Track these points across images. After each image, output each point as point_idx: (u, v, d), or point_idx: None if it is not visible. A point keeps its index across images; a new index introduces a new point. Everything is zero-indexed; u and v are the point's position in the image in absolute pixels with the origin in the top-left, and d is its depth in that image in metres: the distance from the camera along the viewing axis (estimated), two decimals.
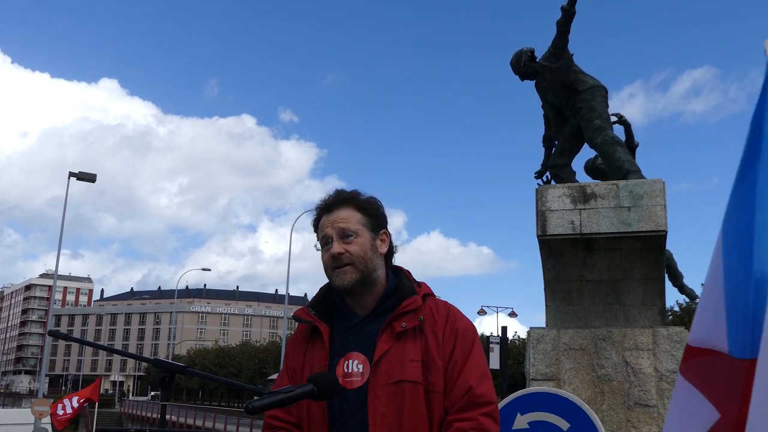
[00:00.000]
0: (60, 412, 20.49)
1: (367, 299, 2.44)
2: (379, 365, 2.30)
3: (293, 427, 2.40)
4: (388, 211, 2.56)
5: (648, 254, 7.16)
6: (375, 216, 2.49)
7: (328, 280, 2.48)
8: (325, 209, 2.48)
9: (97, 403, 22.62)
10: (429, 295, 2.49)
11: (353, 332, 2.42)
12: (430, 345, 2.33)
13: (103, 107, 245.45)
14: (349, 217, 2.43)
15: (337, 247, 2.39)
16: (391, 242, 2.54)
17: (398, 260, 2.58)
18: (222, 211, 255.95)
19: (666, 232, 6.91)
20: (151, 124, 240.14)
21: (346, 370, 2.35)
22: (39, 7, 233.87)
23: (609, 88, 8.27)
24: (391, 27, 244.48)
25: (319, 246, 2.49)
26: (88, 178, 30.08)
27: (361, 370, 2.33)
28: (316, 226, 2.51)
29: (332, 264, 2.41)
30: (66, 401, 20.70)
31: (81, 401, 20.67)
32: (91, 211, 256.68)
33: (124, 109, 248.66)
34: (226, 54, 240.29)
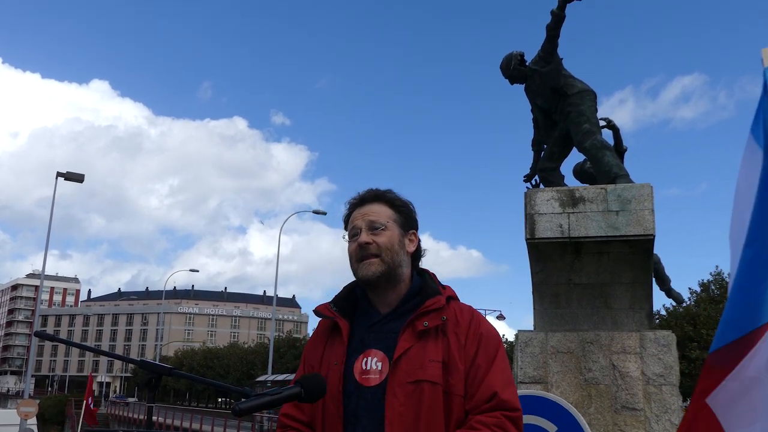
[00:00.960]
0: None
1: (390, 296, 2.43)
2: (399, 363, 2.28)
3: (305, 426, 2.38)
4: None
5: (636, 258, 7.19)
6: (406, 215, 2.52)
7: (350, 273, 2.48)
8: (357, 203, 2.50)
9: (84, 404, 22.66)
10: (453, 298, 2.48)
11: (374, 329, 2.40)
12: (452, 347, 2.31)
13: (94, 108, 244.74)
14: (380, 211, 2.45)
15: (365, 237, 2.40)
16: (419, 244, 2.55)
17: None
18: (212, 213, 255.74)
19: (654, 237, 6.93)
20: (143, 126, 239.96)
21: (363, 367, 2.33)
22: (29, 7, 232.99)
23: (600, 93, 8.29)
24: (384, 32, 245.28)
25: (347, 237, 2.49)
26: (76, 178, 29.94)
27: (379, 368, 2.31)
28: (347, 221, 2.51)
29: (358, 254, 2.40)
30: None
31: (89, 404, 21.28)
32: (80, 212, 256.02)
33: (115, 110, 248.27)
34: (220, 57, 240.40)
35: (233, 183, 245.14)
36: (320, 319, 2.55)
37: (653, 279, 8.01)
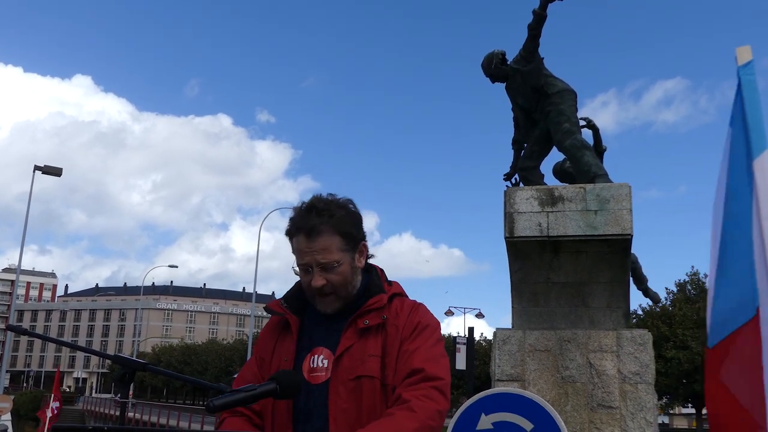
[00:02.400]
0: (49, 414, 20.71)
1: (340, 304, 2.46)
2: (341, 361, 2.33)
3: (254, 414, 2.41)
4: (360, 212, 2.51)
5: (613, 257, 7.23)
6: (355, 237, 2.43)
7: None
8: (302, 230, 2.37)
9: (48, 408, 22.37)
10: (399, 294, 2.49)
11: (321, 328, 2.44)
12: (390, 340, 2.36)
13: (77, 103, 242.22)
14: (329, 247, 2.35)
15: (318, 280, 2.36)
16: (367, 250, 2.53)
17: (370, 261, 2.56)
18: (194, 210, 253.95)
19: (631, 236, 6.97)
20: (126, 121, 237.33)
21: (312, 365, 2.37)
22: (11, 1, 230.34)
23: (583, 95, 8.36)
24: (372, 32, 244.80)
25: (297, 270, 2.44)
26: (54, 172, 29.75)
27: (326, 365, 2.35)
28: (292, 237, 2.41)
29: (314, 291, 2.39)
30: (53, 404, 20.86)
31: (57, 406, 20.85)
32: (61, 207, 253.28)
33: (98, 105, 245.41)
34: (208, 54, 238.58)
35: (216, 180, 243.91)
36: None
37: (630, 278, 8.06)
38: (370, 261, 2.57)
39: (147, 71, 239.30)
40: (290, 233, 2.41)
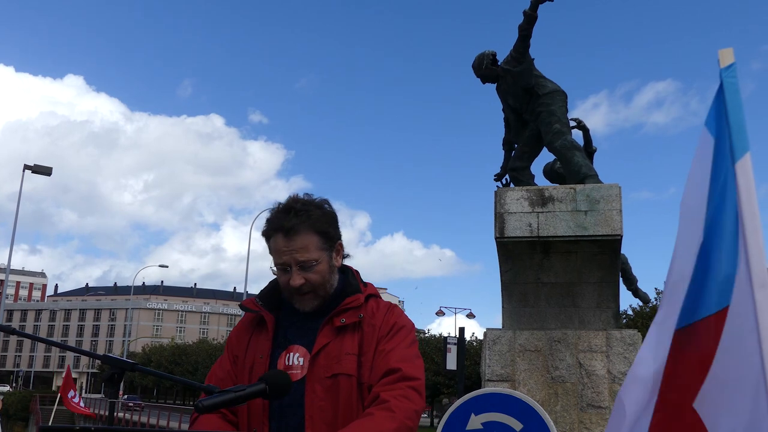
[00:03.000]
0: (75, 399, 20.62)
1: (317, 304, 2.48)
2: (317, 359, 2.35)
3: (228, 411, 2.42)
4: (352, 212, 2.54)
5: (603, 258, 7.25)
6: (331, 236, 2.46)
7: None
8: (280, 230, 2.39)
9: (57, 399, 22.29)
10: (374, 296, 2.53)
11: (297, 326, 2.46)
12: (366, 338, 2.38)
13: (69, 102, 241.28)
14: (307, 246, 2.37)
15: (297, 279, 2.37)
16: (343, 250, 2.56)
17: (362, 261, 2.59)
18: (186, 209, 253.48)
19: (621, 237, 7.00)
20: (119, 121, 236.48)
21: (287, 363, 2.39)
22: (2, 1, 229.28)
23: (575, 97, 8.46)
24: (365, 33, 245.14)
25: (275, 269, 2.45)
26: (44, 171, 29.67)
27: (301, 363, 2.37)
28: (269, 238, 2.43)
29: (292, 290, 2.41)
30: (72, 392, 20.76)
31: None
32: (52, 206, 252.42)
33: (90, 105, 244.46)
34: (200, 54, 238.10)
35: (208, 180, 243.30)
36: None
37: (620, 279, 8.09)
38: (346, 262, 2.59)
39: (139, 71, 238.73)
40: (267, 234, 2.43)
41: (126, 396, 71.53)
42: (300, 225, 2.36)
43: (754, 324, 1.80)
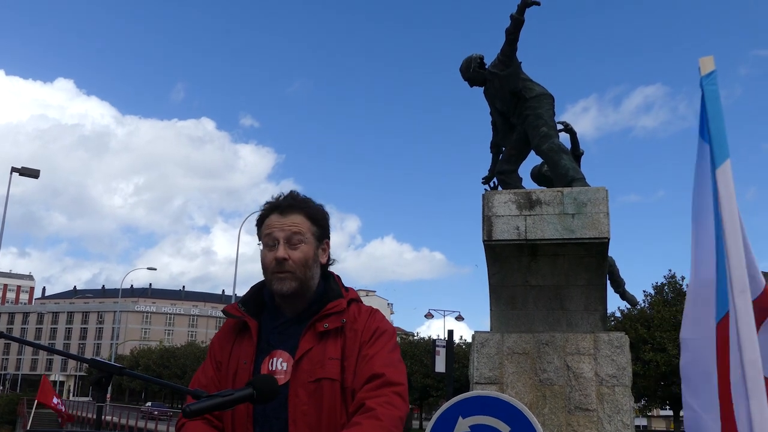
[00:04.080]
0: (60, 407, 20.55)
1: (298, 304, 2.49)
2: (300, 364, 2.36)
3: (213, 417, 2.42)
4: (342, 216, 2.59)
5: (591, 261, 7.28)
6: (323, 227, 2.55)
7: (264, 279, 2.52)
8: (276, 208, 2.50)
9: (36, 403, 22.21)
10: (355, 300, 2.56)
11: (279, 331, 2.47)
12: (348, 343, 2.40)
13: (60, 105, 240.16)
14: (299, 224, 2.47)
15: (282, 252, 2.42)
16: (329, 252, 2.60)
17: (352, 264, 2.62)
18: (176, 212, 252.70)
19: (608, 239, 7.03)
20: (110, 125, 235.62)
21: (270, 368, 2.40)
22: None
23: (564, 100, 8.47)
24: (356, 39, 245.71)
25: (261, 244, 2.50)
26: (32, 173, 29.57)
27: (285, 368, 2.38)
28: (262, 222, 2.52)
29: (273, 267, 2.43)
30: (56, 399, 20.70)
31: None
32: (41, 209, 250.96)
33: (81, 108, 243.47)
34: (191, 59, 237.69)
35: (199, 183, 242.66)
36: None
37: (608, 281, 8.12)
38: (331, 268, 2.63)
39: (130, 75, 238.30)
40: (263, 215, 2.53)
41: (150, 403, 70.24)
42: (296, 206, 2.50)
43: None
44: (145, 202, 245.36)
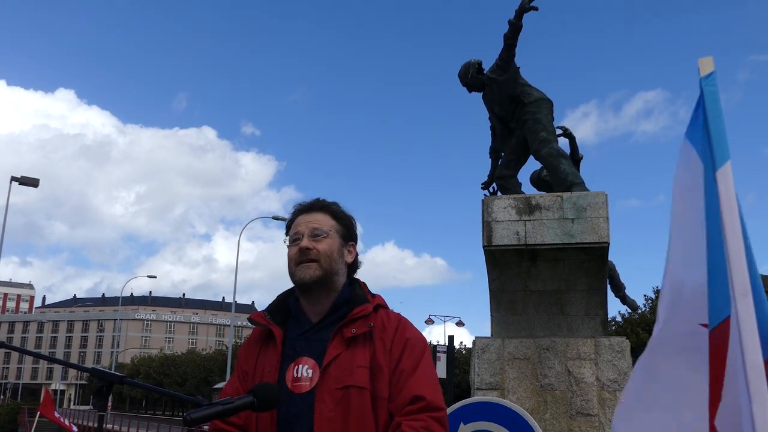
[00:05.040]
0: (63, 421, 20.58)
1: (322, 304, 2.49)
2: (327, 370, 2.33)
3: (239, 430, 2.41)
4: None
5: (591, 265, 7.28)
6: (347, 227, 2.61)
7: (289, 277, 2.52)
8: (302, 211, 2.58)
9: (38, 413, 22.18)
10: (382, 306, 2.54)
11: (305, 337, 2.46)
12: (378, 352, 2.37)
13: (61, 115, 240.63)
14: (323, 220, 2.54)
15: (306, 242, 2.47)
16: (356, 257, 2.63)
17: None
18: (177, 220, 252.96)
19: (608, 244, 7.03)
20: (112, 134, 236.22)
21: (295, 375, 2.38)
22: None
23: (565, 106, 8.54)
24: (357, 48, 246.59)
25: (288, 242, 2.55)
26: (31, 182, 29.58)
27: (310, 375, 2.36)
28: (289, 225, 2.59)
29: (298, 258, 2.47)
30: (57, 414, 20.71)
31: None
32: (42, 219, 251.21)
33: (82, 118, 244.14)
34: (191, 68, 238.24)
35: (200, 191, 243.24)
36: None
37: (608, 286, 8.11)
38: (356, 276, 2.64)
39: (130, 85, 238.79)
40: (290, 219, 2.61)
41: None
42: (320, 207, 2.60)
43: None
44: (147, 210, 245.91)
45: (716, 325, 1.98)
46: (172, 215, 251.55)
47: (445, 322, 49.07)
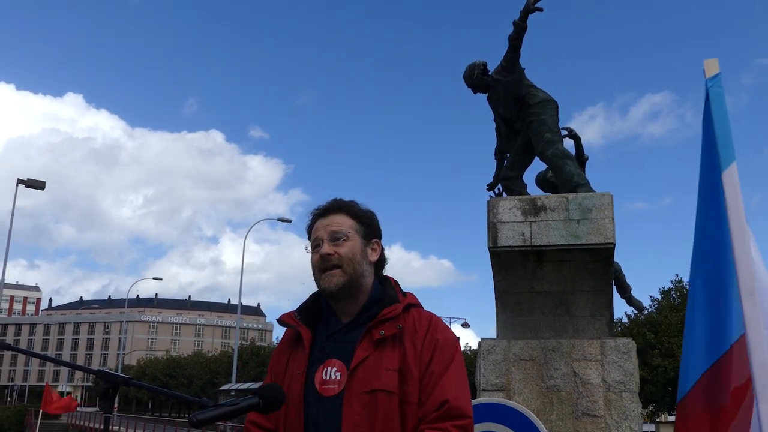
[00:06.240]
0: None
1: (352, 306, 2.45)
2: (355, 373, 2.29)
3: (267, 423, 2.40)
4: None
5: (596, 266, 7.26)
6: (368, 225, 2.54)
7: (314, 283, 2.49)
8: (320, 214, 2.52)
9: (41, 413, 22.22)
10: (414, 305, 2.49)
11: (334, 339, 2.42)
12: (408, 354, 2.33)
13: (71, 119, 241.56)
14: (341, 222, 2.47)
15: (327, 248, 2.42)
16: (382, 253, 2.57)
17: None
18: (185, 223, 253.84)
19: (614, 245, 7.01)
20: (121, 138, 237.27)
21: (324, 377, 2.34)
22: (2, 17, 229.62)
23: (573, 108, 8.53)
24: (365, 49, 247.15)
25: (309, 249, 2.50)
26: (38, 185, 29.67)
27: (338, 378, 2.32)
28: (310, 230, 2.53)
29: (321, 265, 2.42)
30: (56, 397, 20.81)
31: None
32: (50, 222, 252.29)
33: (91, 122, 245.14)
34: (200, 72, 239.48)
35: (207, 194, 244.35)
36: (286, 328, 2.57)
37: (614, 287, 8.09)
38: (385, 273, 2.60)
39: (138, 88, 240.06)
40: (310, 224, 2.55)
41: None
42: (337, 207, 2.53)
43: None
44: (154, 213, 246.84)
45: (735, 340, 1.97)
46: (180, 218, 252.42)
47: (450, 323, 49.05)
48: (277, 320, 2.58)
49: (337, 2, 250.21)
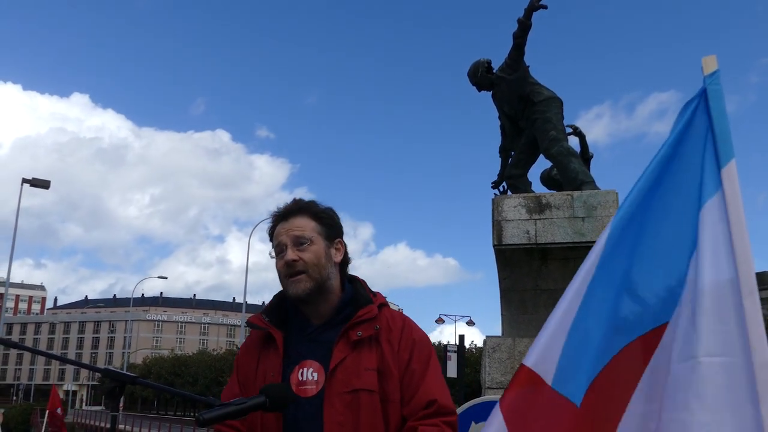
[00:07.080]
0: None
1: (321, 308, 2.44)
2: (335, 374, 2.29)
3: (242, 427, 2.38)
4: (356, 223, 2.58)
5: None
6: (330, 225, 2.50)
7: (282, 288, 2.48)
8: (280, 217, 2.48)
9: (47, 412, 22.28)
10: (384, 305, 2.50)
11: (308, 340, 2.41)
12: (386, 354, 2.34)
13: (77, 118, 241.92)
14: (304, 225, 2.43)
15: (291, 254, 2.39)
16: (346, 252, 2.55)
17: (366, 271, 2.60)
18: (191, 222, 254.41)
19: None
20: (128, 137, 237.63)
21: (300, 378, 2.34)
22: (8, 17, 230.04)
23: (579, 107, 8.54)
24: (372, 49, 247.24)
25: (273, 254, 2.48)
26: (42, 184, 29.67)
27: (315, 378, 2.32)
28: (272, 234, 2.49)
29: (286, 271, 2.40)
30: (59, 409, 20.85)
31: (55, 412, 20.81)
32: (57, 221, 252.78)
33: (98, 121, 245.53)
34: (208, 72, 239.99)
35: (214, 193, 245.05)
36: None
37: None
38: (350, 271, 2.59)
39: (145, 88, 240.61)
40: (271, 228, 2.52)
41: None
42: (298, 210, 2.48)
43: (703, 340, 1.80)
44: (161, 212, 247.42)
45: (649, 330, 1.97)
46: (186, 217, 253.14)
47: (455, 321, 49.03)
48: (246, 323, 2.58)
49: (338, 2, 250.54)
